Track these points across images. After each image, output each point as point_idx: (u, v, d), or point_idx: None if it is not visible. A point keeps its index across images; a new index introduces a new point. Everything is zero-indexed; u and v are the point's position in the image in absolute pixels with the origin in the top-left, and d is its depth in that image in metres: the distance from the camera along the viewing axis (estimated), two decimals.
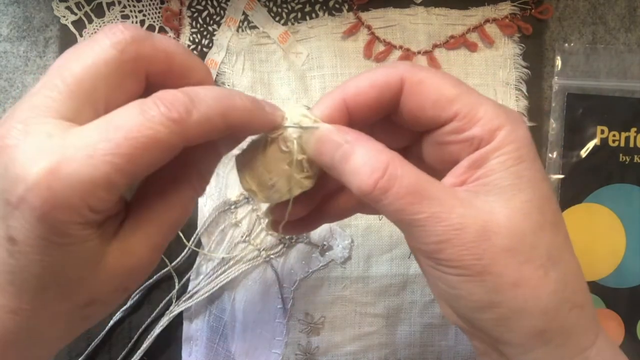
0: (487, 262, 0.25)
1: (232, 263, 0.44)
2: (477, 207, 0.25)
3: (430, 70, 0.27)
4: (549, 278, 0.25)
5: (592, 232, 0.45)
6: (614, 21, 0.46)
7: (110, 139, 0.21)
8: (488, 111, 0.26)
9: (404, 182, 0.25)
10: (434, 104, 0.26)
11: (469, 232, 0.24)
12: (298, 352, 0.44)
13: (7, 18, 0.45)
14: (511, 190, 0.25)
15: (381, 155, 0.25)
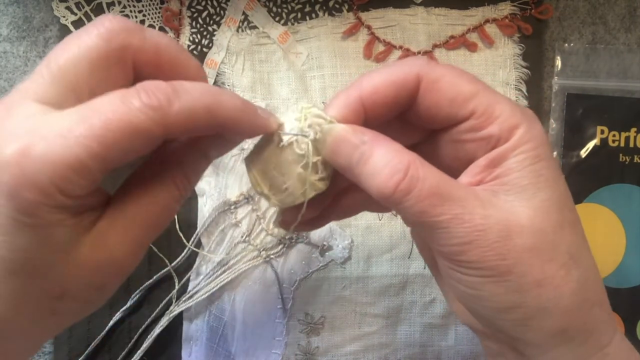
0: (511, 262, 0.24)
1: (232, 263, 0.44)
2: (498, 207, 0.25)
3: (446, 67, 0.27)
4: (571, 277, 0.25)
5: (592, 232, 0.45)
6: (614, 21, 0.46)
7: (85, 121, 0.21)
8: (505, 110, 0.26)
9: (426, 183, 0.24)
10: (450, 101, 0.26)
11: (492, 232, 0.24)
12: (298, 352, 0.44)
13: (7, 18, 0.45)
14: (531, 189, 0.25)
15: (402, 156, 0.25)
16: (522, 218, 0.25)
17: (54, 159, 0.21)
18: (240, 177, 0.45)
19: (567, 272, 0.25)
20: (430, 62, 0.27)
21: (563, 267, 0.25)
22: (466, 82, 0.26)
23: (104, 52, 0.23)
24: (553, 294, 0.25)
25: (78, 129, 0.21)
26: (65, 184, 0.21)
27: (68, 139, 0.21)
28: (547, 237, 0.25)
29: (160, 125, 0.22)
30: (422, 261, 0.44)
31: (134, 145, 0.22)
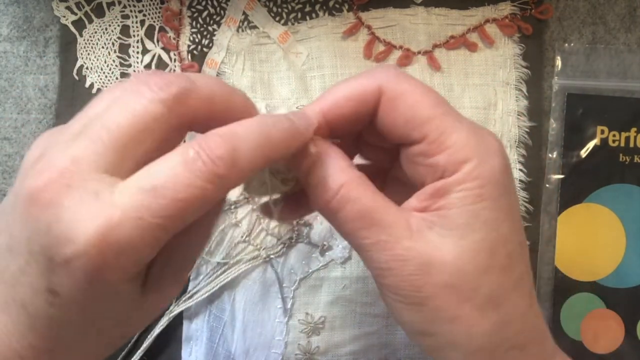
0: (425, 295, 0.25)
1: (232, 263, 0.44)
2: (427, 240, 0.25)
3: (411, 84, 0.26)
4: (487, 319, 0.25)
5: (592, 232, 0.45)
6: (614, 21, 0.46)
7: (158, 200, 0.20)
8: (458, 140, 0.25)
9: (356, 205, 0.25)
10: (406, 122, 0.26)
11: (411, 264, 0.25)
12: (298, 352, 0.44)
13: (7, 18, 0.45)
14: (464, 229, 0.25)
15: (339, 175, 0.25)
16: (446, 256, 0.25)
17: (133, 242, 0.20)
18: None
19: (482, 314, 0.25)
20: (397, 76, 0.27)
21: (479, 308, 0.25)
22: (427, 103, 0.26)
23: (166, 119, 0.22)
24: (464, 332, 0.25)
25: (152, 210, 0.20)
26: (143, 259, 0.21)
27: (144, 220, 0.20)
28: (468, 278, 0.25)
29: (227, 188, 0.22)
30: None
31: (202, 209, 0.22)
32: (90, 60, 0.45)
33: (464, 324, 0.25)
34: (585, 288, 0.45)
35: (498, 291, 0.25)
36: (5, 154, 0.45)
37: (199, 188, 0.21)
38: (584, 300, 0.45)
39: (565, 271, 0.45)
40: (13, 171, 0.45)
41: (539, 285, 0.45)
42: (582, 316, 0.45)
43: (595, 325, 0.45)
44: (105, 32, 0.45)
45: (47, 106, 0.45)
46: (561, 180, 0.45)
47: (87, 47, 0.45)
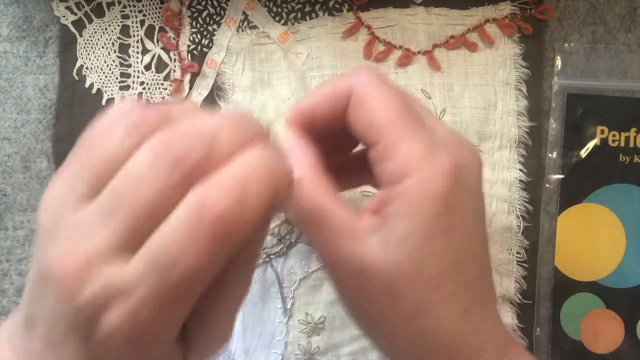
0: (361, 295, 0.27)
1: None
2: (366, 245, 0.26)
3: (379, 88, 0.27)
4: (411, 327, 0.26)
5: (592, 232, 0.45)
6: (614, 21, 0.46)
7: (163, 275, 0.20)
8: (406, 152, 0.26)
9: (306, 202, 0.26)
10: (365, 125, 0.27)
11: (351, 265, 0.26)
12: (298, 352, 0.44)
13: (7, 18, 0.45)
14: (399, 241, 0.25)
15: (298, 170, 0.27)
16: (380, 264, 0.26)
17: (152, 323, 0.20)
18: None
19: (407, 321, 0.26)
20: (369, 78, 0.27)
21: (404, 317, 0.26)
22: (386, 110, 0.26)
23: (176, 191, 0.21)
24: (392, 335, 0.27)
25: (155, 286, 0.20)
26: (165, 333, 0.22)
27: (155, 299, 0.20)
28: (398, 286, 0.26)
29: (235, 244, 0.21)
30: None
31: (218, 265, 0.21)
32: (90, 60, 0.45)
33: (391, 327, 0.27)
34: (585, 288, 0.45)
35: (423, 304, 0.26)
36: (5, 154, 0.45)
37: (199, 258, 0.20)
38: (583, 300, 0.45)
39: (565, 271, 0.45)
40: (13, 171, 0.45)
41: (538, 285, 0.45)
42: (582, 316, 0.45)
43: (595, 325, 0.45)
44: (105, 32, 0.45)
45: (47, 106, 0.45)
46: (561, 180, 0.45)
47: (87, 47, 0.45)
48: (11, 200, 0.45)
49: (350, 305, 0.29)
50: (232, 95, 0.45)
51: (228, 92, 0.45)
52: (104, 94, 0.45)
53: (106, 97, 0.45)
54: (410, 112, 0.27)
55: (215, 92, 0.45)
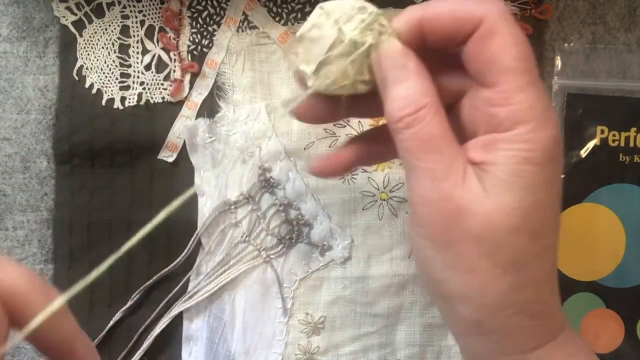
0: (452, 239, 0.25)
1: (232, 263, 0.44)
2: (471, 188, 0.25)
3: (509, 26, 0.26)
4: (503, 279, 0.25)
5: (592, 232, 0.45)
6: (614, 21, 0.46)
7: None
8: (523, 101, 0.25)
9: (426, 128, 0.25)
10: (486, 63, 0.26)
11: (451, 204, 0.25)
12: (298, 352, 0.44)
13: (7, 18, 0.45)
14: (504, 186, 0.25)
15: (423, 96, 0.26)
16: (482, 208, 0.25)
17: None
18: (240, 177, 0.45)
19: (501, 272, 0.25)
20: (502, 12, 0.26)
21: (499, 266, 0.25)
22: (512, 54, 0.26)
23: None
24: (477, 286, 0.26)
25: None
26: None
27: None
28: (496, 234, 0.25)
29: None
30: None
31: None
32: (90, 60, 0.45)
33: (479, 277, 0.25)
34: (585, 288, 0.45)
35: (522, 255, 0.25)
36: (5, 154, 0.45)
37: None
38: (583, 300, 0.45)
39: (565, 271, 0.45)
40: (13, 172, 0.45)
41: None
42: (582, 316, 0.45)
43: (595, 325, 0.45)
44: (105, 33, 0.45)
45: (47, 106, 0.45)
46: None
47: (87, 48, 0.45)
48: (11, 201, 0.45)
49: (435, 249, 0.26)
50: (232, 95, 0.45)
51: (228, 92, 0.45)
52: (104, 94, 0.45)
53: (106, 98, 0.45)
54: (530, 61, 0.26)
55: (215, 92, 0.45)
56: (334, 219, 0.44)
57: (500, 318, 0.26)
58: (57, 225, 0.45)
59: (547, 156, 0.26)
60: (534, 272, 0.26)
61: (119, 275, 0.44)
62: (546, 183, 0.26)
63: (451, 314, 0.27)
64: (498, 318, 0.26)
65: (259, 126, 0.44)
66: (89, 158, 0.45)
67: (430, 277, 0.27)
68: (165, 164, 0.45)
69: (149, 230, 0.26)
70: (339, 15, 0.26)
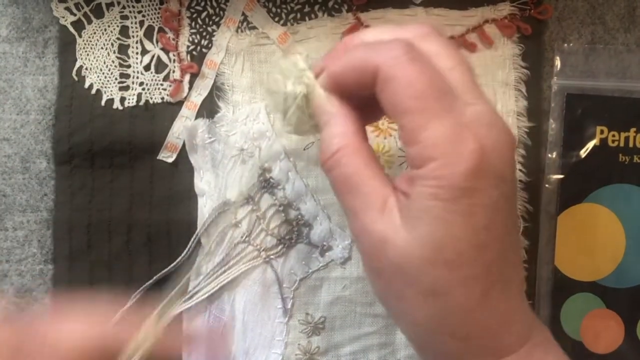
0: (381, 269, 0.28)
1: (232, 263, 0.44)
2: (390, 221, 0.27)
3: (403, 66, 0.26)
4: (427, 305, 0.27)
5: (591, 232, 0.45)
6: (613, 21, 0.46)
7: None
8: (429, 138, 0.26)
9: (342, 170, 0.28)
10: (390, 107, 0.27)
11: (373, 237, 0.27)
12: (298, 352, 0.44)
13: (6, 19, 0.45)
14: (417, 221, 0.26)
15: (340, 139, 0.28)
16: (399, 240, 0.26)
17: None
18: (240, 178, 0.45)
19: (423, 299, 0.27)
20: (397, 57, 0.27)
21: (421, 294, 0.27)
22: (410, 94, 0.26)
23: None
24: (408, 312, 0.28)
25: None
26: None
27: None
28: (413, 265, 0.26)
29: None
30: None
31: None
32: (89, 60, 0.45)
33: (408, 304, 0.27)
34: (585, 288, 0.45)
35: (440, 283, 0.26)
36: (4, 154, 0.45)
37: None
38: (583, 300, 0.45)
39: (565, 271, 0.45)
40: (12, 172, 0.45)
41: (538, 285, 0.45)
42: (582, 316, 0.45)
43: (595, 325, 0.45)
44: (105, 33, 0.45)
45: (47, 107, 0.45)
46: (561, 180, 0.45)
47: (87, 48, 0.45)
48: (11, 201, 0.45)
49: (371, 278, 0.29)
50: (231, 96, 0.45)
51: (227, 93, 0.45)
52: (104, 94, 0.45)
53: (105, 98, 0.45)
54: (437, 94, 0.26)
55: (215, 93, 0.45)
56: (334, 220, 0.44)
57: (433, 342, 0.28)
58: (57, 226, 0.45)
59: (457, 191, 0.25)
60: (458, 298, 0.26)
61: (119, 275, 0.44)
62: (460, 217, 0.26)
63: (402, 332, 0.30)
64: (431, 342, 0.28)
65: (258, 126, 0.44)
66: (88, 158, 0.45)
67: (376, 296, 0.30)
68: (165, 165, 0.45)
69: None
70: (286, 72, 0.31)
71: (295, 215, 0.44)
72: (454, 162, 0.25)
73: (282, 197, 0.44)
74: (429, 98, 0.26)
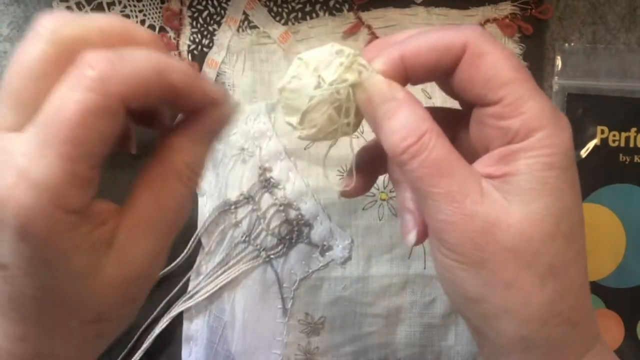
0: (486, 256, 0.25)
1: (232, 263, 0.44)
2: (494, 201, 0.25)
3: (496, 44, 0.26)
4: (545, 288, 0.25)
5: (592, 232, 0.45)
6: (614, 21, 0.46)
7: (50, 131, 0.20)
8: (533, 108, 0.25)
9: (433, 153, 0.25)
10: (485, 82, 0.26)
11: (478, 221, 0.24)
12: (298, 352, 0.44)
13: (8, 18, 0.45)
14: (531, 194, 0.25)
15: (421, 122, 0.25)
16: (512, 219, 0.24)
17: (45, 181, 0.20)
18: (240, 177, 0.45)
19: (542, 282, 0.25)
20: (483, 34, 0.26)
21: (539, 276, 0.25)
22: (508, 67, 0.26)
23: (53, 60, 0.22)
24: (520, 299, 0.25)
25: (48, 141, 0.20)
26: (65, 199, 0.21)
27: (47, 157, 0.20)
28: (531, 244, 0.24)
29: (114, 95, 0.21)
30: (422, 261, 0.44)
31: (104, 127, 0.21)
32: None
33: (521, 290, 0.25)
34: None
35: (559, 261, 0.25)
36: None
37: (83, 102, 0.20)
38: None
39: None
40: None
41: None
42: None
43: None
44: None
45: None
46: None
47: None
48: None
49: (465, 275, 0.25)
50: (232, 95, 0.45)
51: (228, 92, 0.45)
52: None
53: None
54: (525, 70, 0.26)
55: None
56: (334, 219, 0.44)
57: (546, 330, 0.25)
58: None
59: (568, 159, 0.25)
60: (573, 277, 0.25)
61: None
62: (571, 186, 0.25)
63: (490, 333, 0.26)
64: (544, 331, 0.25)
65: (259, 126, 0.44)
66: None
67: (465, 297, 0.26)
68: None
69: None
70: (318, 63, 0.27)
71: (296, 215, 0.44)
72: (560, 131, 0.25)
73: (283, 196, 0.44)
74: (526, 71, 0.26)
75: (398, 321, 0.44)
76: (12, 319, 0.22)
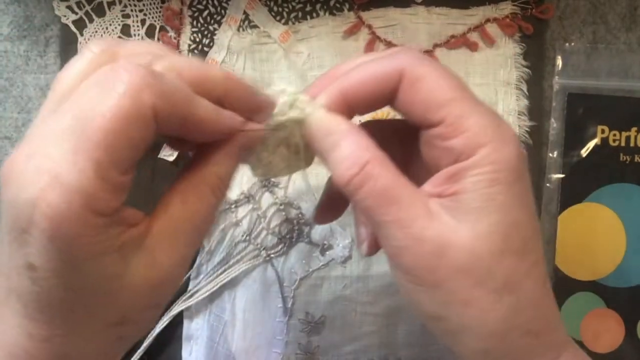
0: (440, 277, 0.25)
1: (232, 262, 0.44)
2: (443, 222, 0.25)
3: (431, 66, 0.26)
4: (501, 303, 0.25)
5: (592, 232, 0.45)
6: (615, 21, 0.46)
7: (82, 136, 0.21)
8: (475, 125, 0.25)
9: (378, 182, 0.25)
10: (424, 105, 0.26)
11: (428, 244, 0.25)
12: (298, 351, 0.44)
13: (8, 17, 0.45)
14: (479, 212, 0.25)
15: (364, 152, 0.26)
16: (461, 239, 0.25)
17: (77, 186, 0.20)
18: (241, 177, 0.45)
19: (498, 298, 0.25)
20: (418, 58, 0.27)
21: (494, 292, 0.25)
22: (446, 87, 0.26)
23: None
24: (478, 316, 0.25)
25: (80, 147, 0.21)
26: (96, 203, 0.21)
27: (79, 163, 0.20)
28: (482, 262, 0.25)
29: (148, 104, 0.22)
30: None
31: (135, 134, 0.22)
32: None
33: (477, 307, 0.25)
34: (586, 287, 0.45)
35: (513, 276, 0.25)
36: (5, 153, 0.45)
37: (115, 107, 0.21)
38: (584, 300, 0.45)
39: (565, 270, 0.45)
40: None
41: None
42: (582, 315, 0.45)
43: (595, 325, 0.45)
44: (106, 32, 0.45)
45: None
46: (561, 179, 0.45)
47: None
48: None
49: (422, 296, 0.26)
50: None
51: None
52: None
53: None
54: (465, 87, 0.27)
55: None
56: None
57: (507, 343, 0.26)
58: None
59: (515, 173, 0.25)
60: (529, 290, 0.26)
61: None
62: (519, 200, 0.26)
63: (454, 347, 0.27)
64: (505, 343, 0.26)
65: None
66: None
67: (426, 316, 0.27)
68: (166, 163, 0.45)
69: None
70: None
71: (296, 214, 0.44)
72: (504, 146, 0.25)
73: (283, 195, 0.44)
74: (465, 88, 0.26)
75: (398, 321, 0.44)
76: (38, 320, 0.23)
